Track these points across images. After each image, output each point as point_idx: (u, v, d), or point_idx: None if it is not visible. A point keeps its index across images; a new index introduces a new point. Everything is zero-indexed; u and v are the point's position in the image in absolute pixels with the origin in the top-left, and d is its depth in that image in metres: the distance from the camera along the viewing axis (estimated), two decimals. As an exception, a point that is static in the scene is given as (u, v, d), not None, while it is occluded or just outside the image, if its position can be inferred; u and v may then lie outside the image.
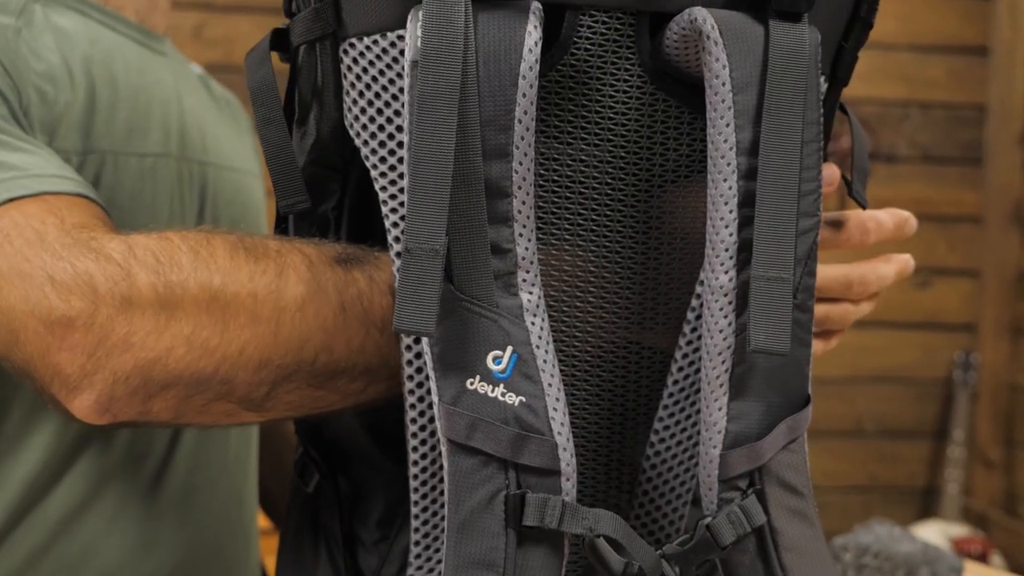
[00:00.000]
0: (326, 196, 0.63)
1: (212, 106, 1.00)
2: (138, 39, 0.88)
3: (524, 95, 0.51)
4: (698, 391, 0.61)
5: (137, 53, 0.87)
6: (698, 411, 0.61)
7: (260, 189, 1.04)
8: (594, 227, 0.58)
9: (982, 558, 2.55)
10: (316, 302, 0.59)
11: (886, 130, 2.76)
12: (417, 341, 0.56)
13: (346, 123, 0.58)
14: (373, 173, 0.57)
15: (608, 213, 0.58)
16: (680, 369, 0.61)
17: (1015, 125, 2.73)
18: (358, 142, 0.57)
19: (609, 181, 0.57)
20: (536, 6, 0.52)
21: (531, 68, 0.51)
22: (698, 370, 0.60)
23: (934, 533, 2.61)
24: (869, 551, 1.15)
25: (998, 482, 2.74)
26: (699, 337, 0.60)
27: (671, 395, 0.61)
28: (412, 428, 0.57)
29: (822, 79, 0.57)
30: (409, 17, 0.52)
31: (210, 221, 0.90)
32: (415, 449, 0.58)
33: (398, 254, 0.56)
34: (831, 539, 1.10)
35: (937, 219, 2.80)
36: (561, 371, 0.59)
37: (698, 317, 0.60)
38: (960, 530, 2.64)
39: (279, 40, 0.61)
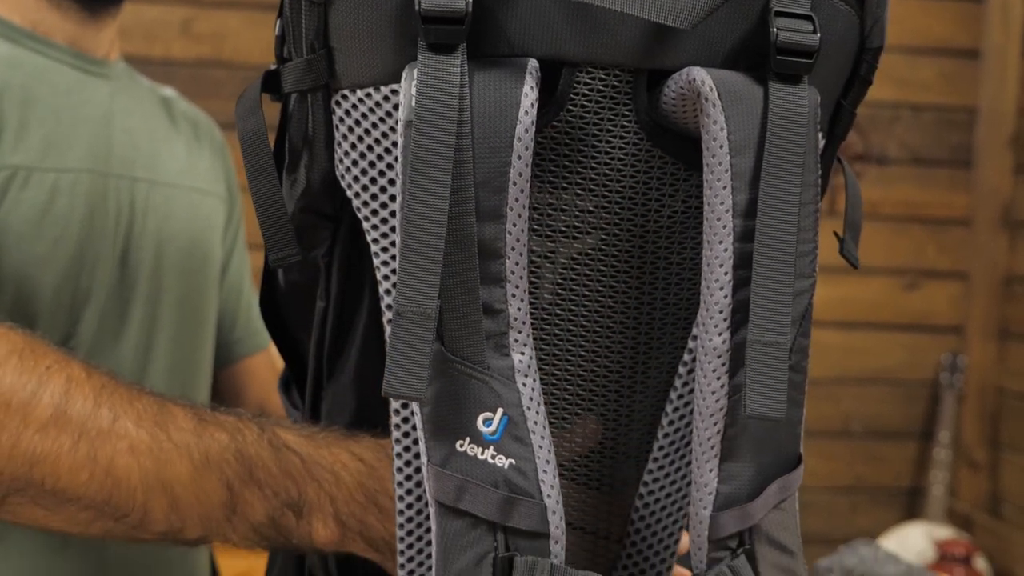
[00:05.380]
0: (317, 242, 0.62)
1: (167, 126, 1.04)
2: (70, 62, 0.94)
3: (519, 157, 0.50)
4: (688, 444, 0.60)
5: (67, 75, 0.93)
6: (688, 464, 0.61)
7: (217, 208, 1.07)
8: (587, 282, 0.57)
9: (966, 561, 2.56)
10: (59, 427, 0.61)
11: (876, 132, 2.76)
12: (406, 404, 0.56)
13: (337, 174, 0.57)
14: (365, 225, 0.56)
15: (601, 267, 0.57)
16: (671, 422, 0.60)
17: (1005, 128, 2.73)
18: (349, 193, 0.57)
19: (603, 236, 0.57)
20: (532, 65, 0.51)
21: (527, 130, 0.50)
22: (688, 424, 0.60)
23: (919, 535, 2.62)
24: (854, 573, 1.15)
25: (983, 484, 2.75)
26: (690, 391, 0.60)
27: (661, 447, 0.61)
28: (400, 486, 0.57)
29: (820, 135, 0.57)
30: (404, 74, 0.51)
31: (139, 234, 0.94)
32: (402, 506, 0.57)
33: (388, 306, 0.56)
34: (816, 549, 1.11)
35: (926, 221, 2.80)
36: (551, 424, 0.58)
37: (690, 371, 0.59)
38: (945, 532, 2.65)
39: (270, 83, 0.60)
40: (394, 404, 0.56)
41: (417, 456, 0.56)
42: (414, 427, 0.56)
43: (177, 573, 0.98)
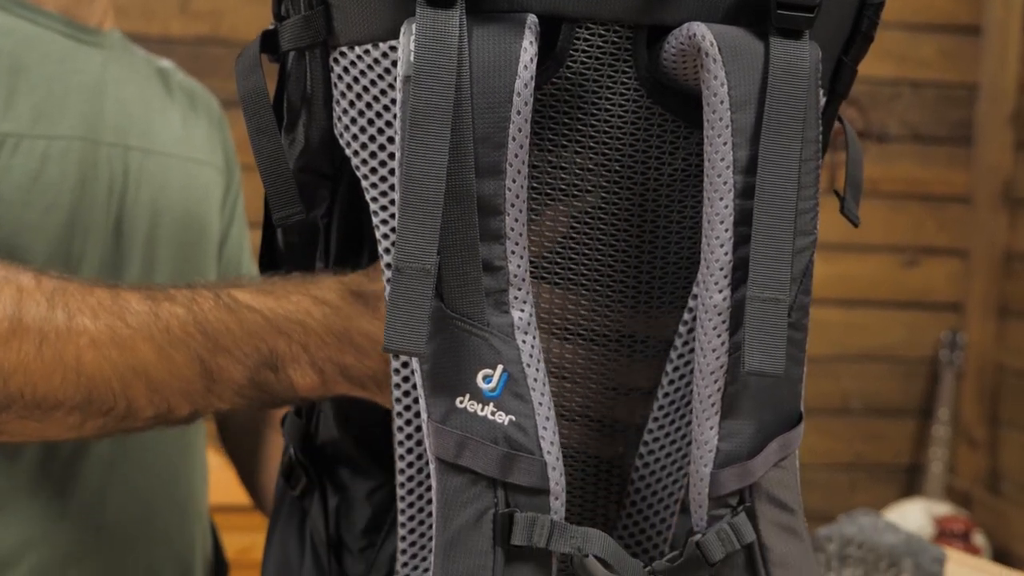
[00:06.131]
0: (316, 203, 0.62)
1: (162, 96, 1.04)
2: (61, 30, 0.93)
3: (519, 112, 0.50)
4: (688, 404, 0.60)
5: (59, 44, 0.92)
6: (688, 423, 0.61)
7: (214, 180, 1.07)
8: (587, 240, 0.57)
9: (965, 537, 2.57)
10: (19, 337, 0.61)
11: (877, 109, 2.75)
12: (406, 360, 0.56)
13: (336, 132, 0.57)
14: (364, 183, 0.56)
15: (601, 226, 0.57)
16: (671, 382, 0.60)
17: (1006, 105, 2.73)
18: (348, 152, 0.56)
19: (603, 195, 0.56)
20: (532, 20, 0.51)
21: (526, 85, 0.50)
22: (689, 383, 0.60)
23: (918, 511, 2.63)
24: (853, 542, 1.16)
25: (982, 461, 2.76)
26: (690, 351, 0.59)
27: (661, 407, 0.61)
28: (400, 444, 0.57)
29: (821, 93, 0.57)
30: (402, 30, 0.50)
31: (132, 203, 0.94)
32: (403, 464, 0.57)
33: (388, 265, 0.56)
34: (816, 527, 1.11)
35: (926, 198, 2.80)
36: (551, 383, 0.58)
37: (690, 331, 0.59)
38: (943, 509, 2.66)
39: (268, 42, 0.60)
40: (394, 363, 0.56)
41: (417, 415, 0.56)
42: (414, 385, 0.56)
43: (176, 543, 0.98)
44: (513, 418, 0.51)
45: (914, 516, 2.61)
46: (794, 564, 0.56)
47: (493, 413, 0.51)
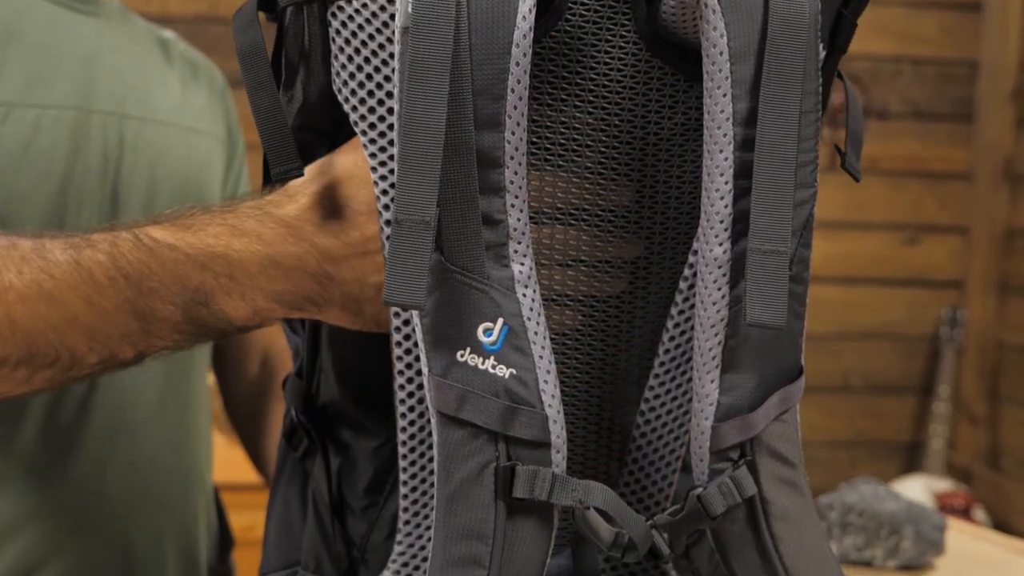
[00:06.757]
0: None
1: (161, 64, 1.03)
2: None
3: (518, 64, 0.50)
4: (689, 360, 0.60)
5: (52, 12, 0.92)
6: (689, 379, 0.61)
7: (214, 149, 1.06)
8: (587, 195, 0.57)
9: (965, 512, 2.58)
10: None
11: (878, 86, 2.75)
12: (406, 315, 0.56)
13: (334, 88, 0.57)
14: (363, 139, 0.56)
15: (601, 181, 0.57)
16: (672, 338, 0.60)
17: (1007, 82, 2.72)
18: (347, 107, 0.56)
19: (603, 149, 0.56)
20: None
21: (525, 36, 0.50)
22: (689, 339, 0.60)
23: (918, 487, 2.63)
24: (854, 510, 1.16)
25: (982, 437, 2.77)
26: (691, 307, 0.60)
27: (662, 364, 0.61)
28: (401, 399, 0.57)
29: (820, 47, 0.57)
30: None
31: (129, 172, 0.94)
32: (404, 421, 0.57)
33: (387, 222, 0.56)
34: (817, 496, 1.11)
35: (927, 176, 2.80)
36: (552, 339, 0.58)
37: (691, 287, 0.59)
38: (944, 484, 2.66)
39: (266, 0, 0.60)
40: (395, 320, 0.56)
41: (418, 365, 0.56)
42: (415, 342, 0.56)
43: (179, 513, 0.98)
44: (514, 371, 0.51)
45: (915, 492, 2.61)
46: (795, 518, 0.56)
47: (494, 367, 0.51)
